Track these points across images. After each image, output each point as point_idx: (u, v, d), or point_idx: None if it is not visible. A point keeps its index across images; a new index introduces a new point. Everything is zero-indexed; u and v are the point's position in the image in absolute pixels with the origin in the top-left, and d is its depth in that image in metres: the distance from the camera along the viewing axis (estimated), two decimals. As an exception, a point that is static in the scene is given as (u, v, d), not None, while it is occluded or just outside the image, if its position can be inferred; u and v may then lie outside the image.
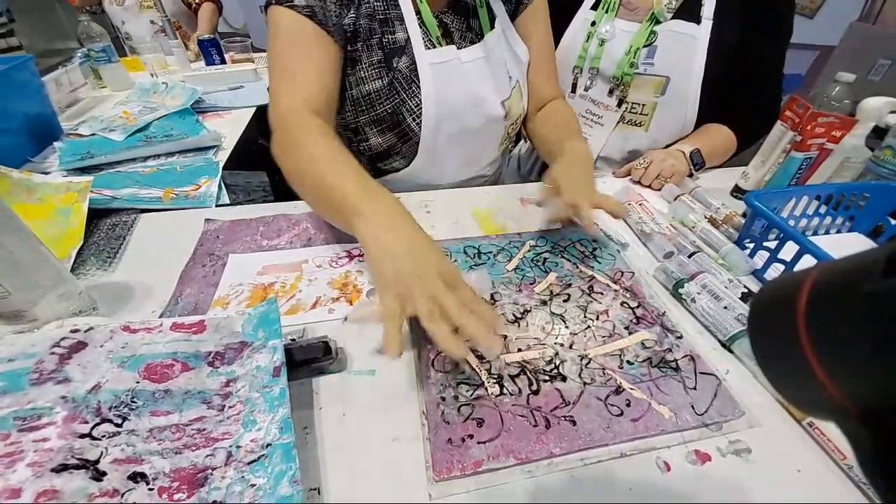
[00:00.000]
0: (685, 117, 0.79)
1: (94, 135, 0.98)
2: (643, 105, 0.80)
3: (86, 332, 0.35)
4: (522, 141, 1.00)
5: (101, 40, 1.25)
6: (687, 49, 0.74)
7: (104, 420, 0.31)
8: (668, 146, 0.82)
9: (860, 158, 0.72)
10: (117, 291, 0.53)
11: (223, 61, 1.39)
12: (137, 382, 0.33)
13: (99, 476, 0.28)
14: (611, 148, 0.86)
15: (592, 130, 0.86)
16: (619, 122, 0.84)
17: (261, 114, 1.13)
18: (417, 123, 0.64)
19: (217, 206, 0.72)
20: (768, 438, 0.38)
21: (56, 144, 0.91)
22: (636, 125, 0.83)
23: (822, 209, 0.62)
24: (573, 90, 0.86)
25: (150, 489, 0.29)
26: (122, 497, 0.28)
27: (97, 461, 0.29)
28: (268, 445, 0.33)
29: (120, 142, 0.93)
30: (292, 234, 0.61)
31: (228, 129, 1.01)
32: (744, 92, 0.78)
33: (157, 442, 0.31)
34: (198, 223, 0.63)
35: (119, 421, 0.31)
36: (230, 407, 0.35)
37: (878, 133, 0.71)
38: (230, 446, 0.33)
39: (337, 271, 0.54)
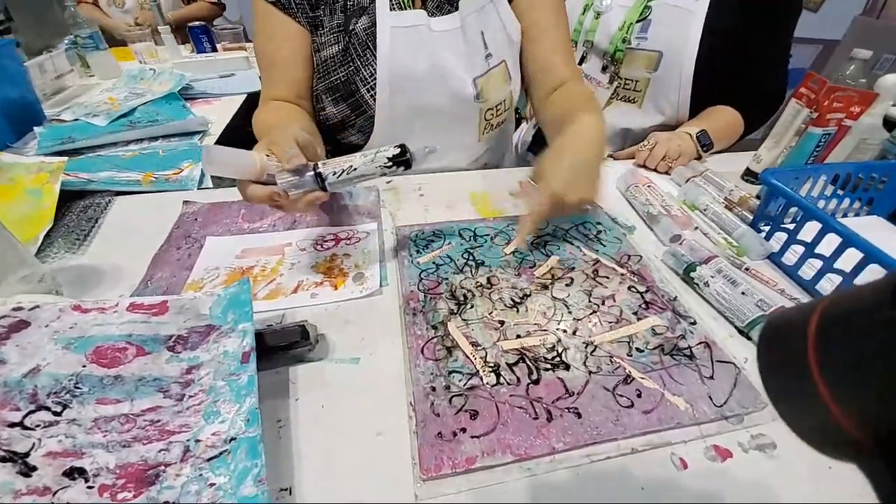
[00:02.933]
0: (679, 94, 0.75)
1: (76, 120, 0.94)
2: (636, 81, 0.77)
3: (30, 310, 0.31)
4: (525, 122, 0.96)
5: (88, 26, 1.21)
6: (682, 23, 0.71)
7: (41, 407, 0.27)
8: (664, 125, 0.78)
9: (877, 139, 0.68)
10: (85, 274, 0.49)
11: (214, 49, 1.35)
12: (84, 366, 0.29)
13: (28, 471, 0.24)
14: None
15: None
16: (612, 99, 0.80)
17: (252, 101, 1.09)
18: (372, 95, 0.60)
19: (199, 190, 0.68)
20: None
21: (36, 129, 0.88)
22: (629, 101, 0.80)
23: (839, 191, 0.58)
24: None
25: (90, 487, 0.25)
26: (53, 496, 0.24)
27: (27, 454, 0.25)
28: (231, 440, 0.29)
29: (103, 127, 0.90)
30: (276, 216, 0.57)
31: (217, 116, 0.97)
32: (747, 70, 0.74)
33: (101, 433, 0.27)
34: (177, 206, 0.59)
35: (58, 409, 0.27)
36: (191, 396, 0.31)
37: (888, 126, 0.67)
38: (188, 440, 0.29)
39: (322, 254, 0.50)
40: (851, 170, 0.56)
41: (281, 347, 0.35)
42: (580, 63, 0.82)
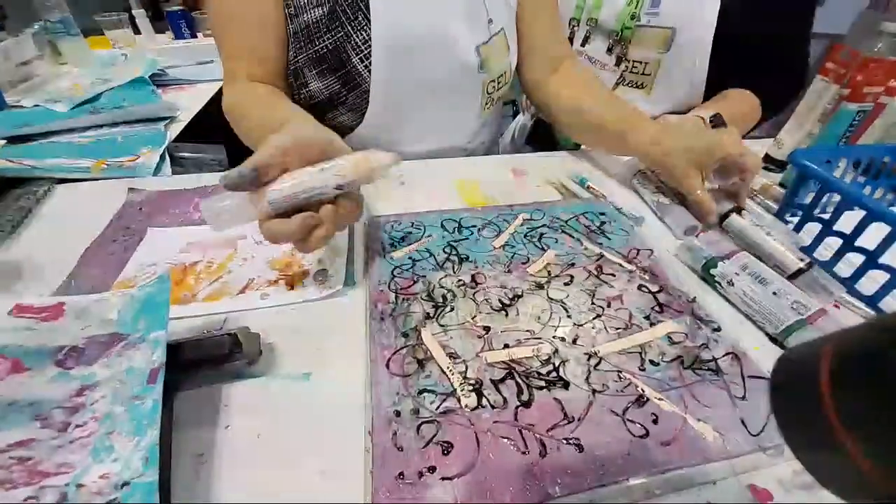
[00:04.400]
0: (693, 77, 0.68)
1: (36, 106, 0.87)
2: (645, 63, 0.70)
3: None
4: (521, 115, 0.89)
5: (58, 10, 1.14)
6: None
7: None
8: (675, 112, 0.71)
9: (911, 123, 0.61)
10: (3, 272, 0.42)
11: (194, 36, 1.28)
12: (-71, 390, 0.22)
13: None
14: None
15: None
16: (617, 84, 0.73)
17: (229, 88, 1.02)
18: (366, 65, 0.52)
19: (152, 177, 0.61)
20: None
21: (-10, 116, 0.81)
22: (637, 87, 0.72)
23: (868, 178, 0.51)
24: None
25: None
26: None
27: None
28: (124, 485, 0.22)
29: (63, 113, 0.83)
30: (234, 206, 0.50)
31: (188, 102, 0.90)
32: (766, 49, 0.67)
33: (-62, 481, 0.20)
34: (125, 195, 0.52)
35: None
36: (78, 426, 0.24)
37: None
38: (66, 484, 0.22)
39: (280, 248, 0.43)
40: (888, 153, 0.49)
41: (207, 362, 0.28)
42: (583, 45, 0.74)
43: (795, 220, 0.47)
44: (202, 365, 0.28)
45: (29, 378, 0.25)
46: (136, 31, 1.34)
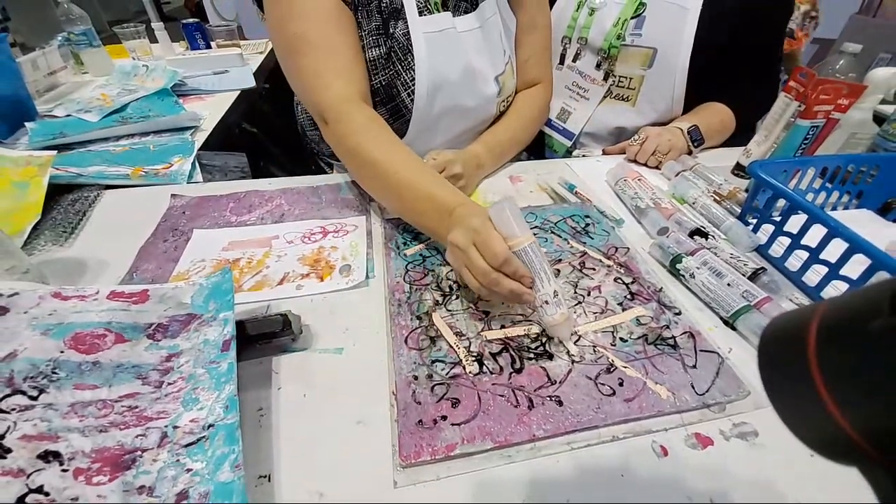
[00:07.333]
0: (673, 92, 0.75)
1: (68, 116, 0.94)
2: (630, 78, 0.77)
3: (9, 297, 0.31)
4: None
5: (81, 23, 1.21)
6: (676, 20, 0.71)
7: (16, 391, 0.27)
8: (658, 123, 0.78)
9: (867, 134, 0.68)
10: (71, 267, 0.49)
11: (208, 46, 1.35)
12: (61, 352, 0.29)
13: (2, 453, 0.24)
14: (596, 123, 0.83)
15: (577, 104, 0.83)
16: (605, 97, 0.80)
17: (245, 97, 1.09)
18: (411, 99, 0.60)
19: (188, 184, 0.68)
20: (777, 420, 0.33)
21: (28, 125, 0.87)
22: (623, 100, 0.79)
23: (828, 184, 0.58)
24: (561, 61, 0.82)
25: (65, 470, 0.25)
26: (27, 478, 0.24)
27: (2, 436, 0.25)
28: (210, 426, 0.29)
29: (95, 122, 0.89)
30: (264, 210, 0.57)
31: (209, 112, 0.96)
32: (739, 68, 0.74)
33: (78, 418, 0.27)
34: (165, 200, 0.59)
35: (34, 393, 0.27)
36: (170, 384, 0.31)
37: (878, 120, 0.68)
38: (165, 426, 0.29)
39: (309, 247, 0.50)
40: (840, 162, 0.56)
41: (263, 337, 0.35)
42: (574, 60, 0.81)
43: (755, 221, 0.54)
44: (258, 340, 0.35)
45: (130, 347, 0.31)
46: (153, 40, 1.41)
